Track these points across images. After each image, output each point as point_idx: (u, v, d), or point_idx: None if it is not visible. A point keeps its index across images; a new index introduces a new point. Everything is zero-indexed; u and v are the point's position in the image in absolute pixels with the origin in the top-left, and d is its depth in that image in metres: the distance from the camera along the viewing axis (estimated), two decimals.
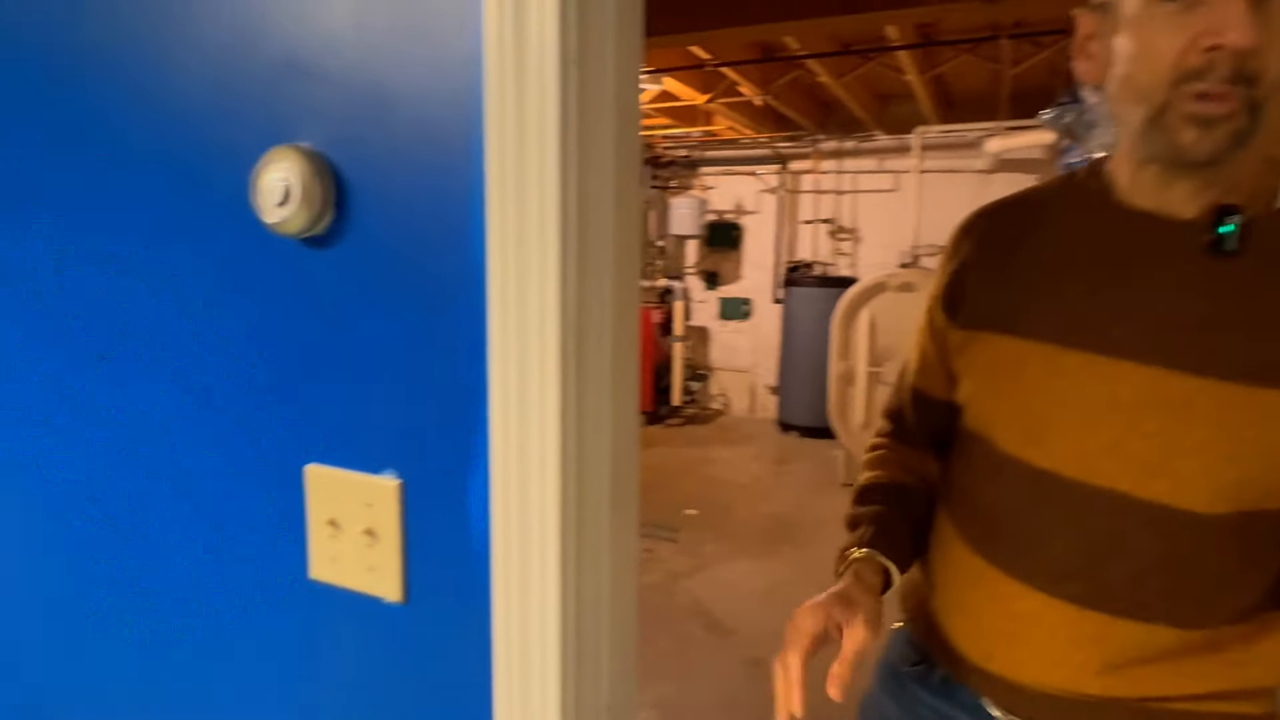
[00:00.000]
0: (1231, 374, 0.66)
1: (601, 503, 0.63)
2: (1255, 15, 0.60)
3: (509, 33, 0.57)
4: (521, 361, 0.61)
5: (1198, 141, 0.64)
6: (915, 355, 0.92)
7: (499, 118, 0.59)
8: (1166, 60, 0.64)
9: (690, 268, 7.05)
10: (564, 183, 0.57)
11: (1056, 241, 0.77)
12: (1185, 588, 0.71)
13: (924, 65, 4.30)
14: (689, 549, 3.82)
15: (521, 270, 0.60)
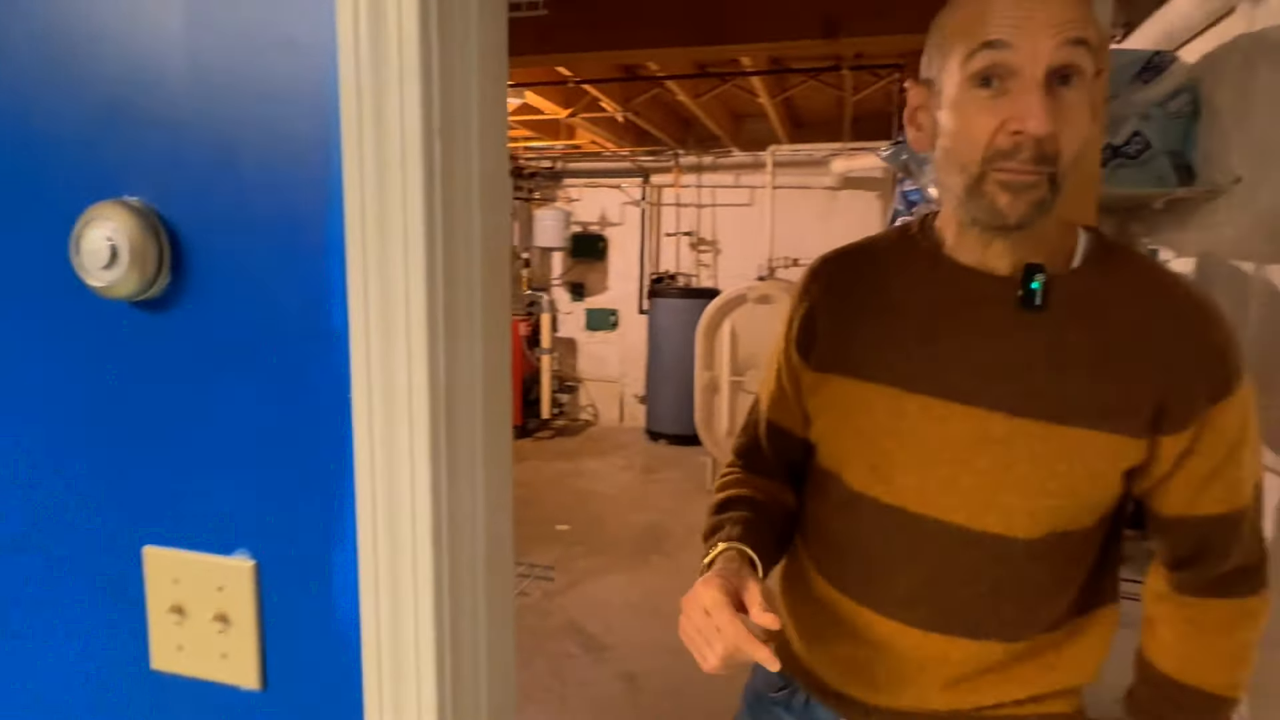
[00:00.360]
0: (1043, 415, 0.74)
1: (477, 572, 0.62)
2: (1051, 105, 0.68)
3: (368, 96, 0.55)
4: (389, 431, 0.59)
5: (1010, 205, 0.71)
6: (770, 389, 0.95)
7: (358, 175, 0.56)
8: (981, 139, 0.71)
9: (556, 279, 7.04)
10: (430, 245, 0.56)
11: (896, 291, 0.83)
12: (1011, 606, 0.80)
13: (774, 89, 4.53)
14: (562, 565, 3.80)
15: (388, 335, 0.58)
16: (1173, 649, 0.85)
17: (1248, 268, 1.53)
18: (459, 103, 0.58)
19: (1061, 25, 0.67)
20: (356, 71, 0.55)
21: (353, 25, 0.55)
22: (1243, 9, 1.60)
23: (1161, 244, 1.89)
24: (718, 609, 0.70)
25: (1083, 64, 0.68)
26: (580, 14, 2.41)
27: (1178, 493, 0.78)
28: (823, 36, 2.30)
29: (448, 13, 0.56)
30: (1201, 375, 0.73)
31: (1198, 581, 0.83)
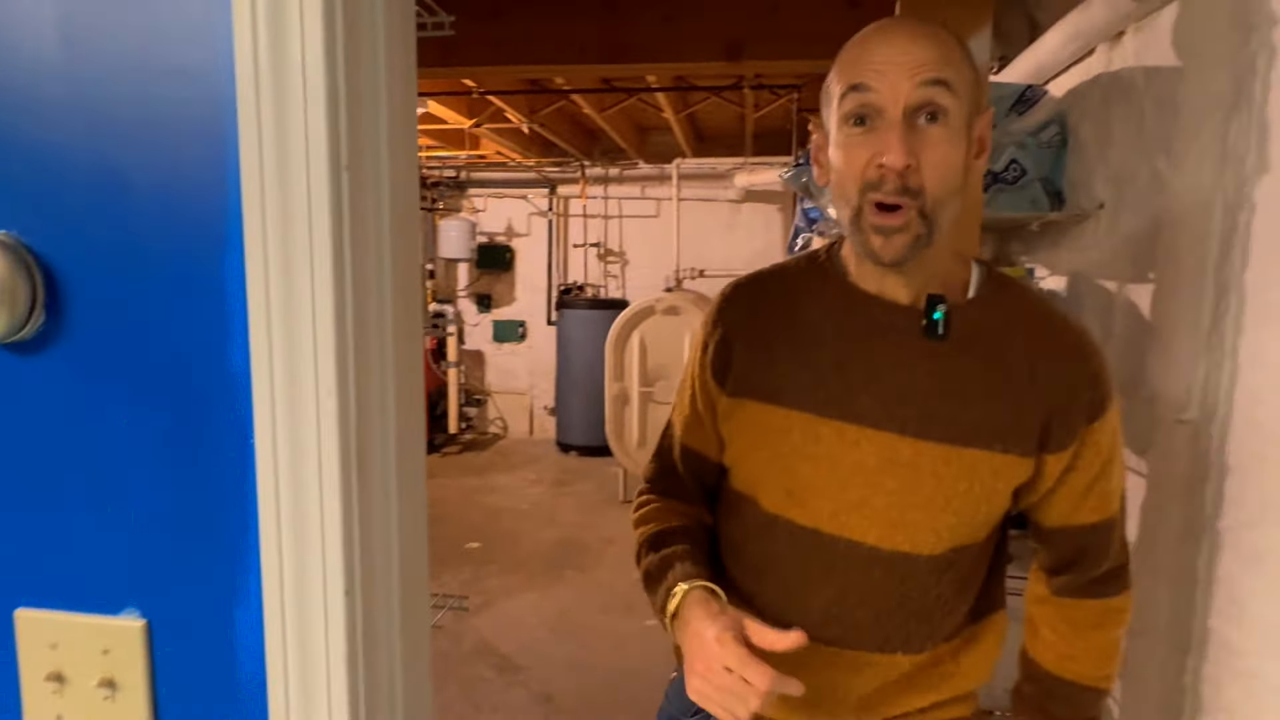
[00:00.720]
0: (944, 438, 0.79)
1: (393, 623, 0.60)
2: (910, 140, 0.73)
3: (269, 130, 0.53)
4: (296, 476, 0.56)
5: (883, 248, 0.76)
6: (684, 413, 0.96)
7: (259, 214, 0.54)
8: (856, 172, 0.76)
9: (462, 290, 6.90)
10: (339, 285, 0.54)
11: (807, 317, 0.86)
12: (916, 620, 0.84)
13: (679, 105, 4.61)
14: (473, 585, 3.72)
15: (293, 377, 0.55)
16: (1053, 647, 0.92)
17: (1112, 286, 1.67)
18: (368, 137, 0.56)
19: (919, 68, 0.72)
20: (256, 104, 0.53)
21: (251, 54, 0.53)
22: (1101, 50, 1.75)
23: (1037, 263, 2.04)
24: (743, 664, 0.69)
25: (944, 102, 0.73)
26: (487, 30, 2.39)
27: (1059, 505, 0.85)
28: (726, 59, 2.36)
29: (354, 41, 0.54)
30: (1081, 399, 0.80)
31: (1074, 584, 0.90)
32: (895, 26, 0.77)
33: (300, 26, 0.52)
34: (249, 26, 0.52)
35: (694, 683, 0.72)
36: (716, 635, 0.72)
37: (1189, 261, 1.37)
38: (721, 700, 0.70)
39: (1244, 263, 1.23)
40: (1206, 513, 1.31)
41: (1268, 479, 1.17)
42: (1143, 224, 1.54)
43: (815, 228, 2.45)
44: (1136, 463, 1.53)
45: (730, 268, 6.05)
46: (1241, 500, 1.24)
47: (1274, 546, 1.16)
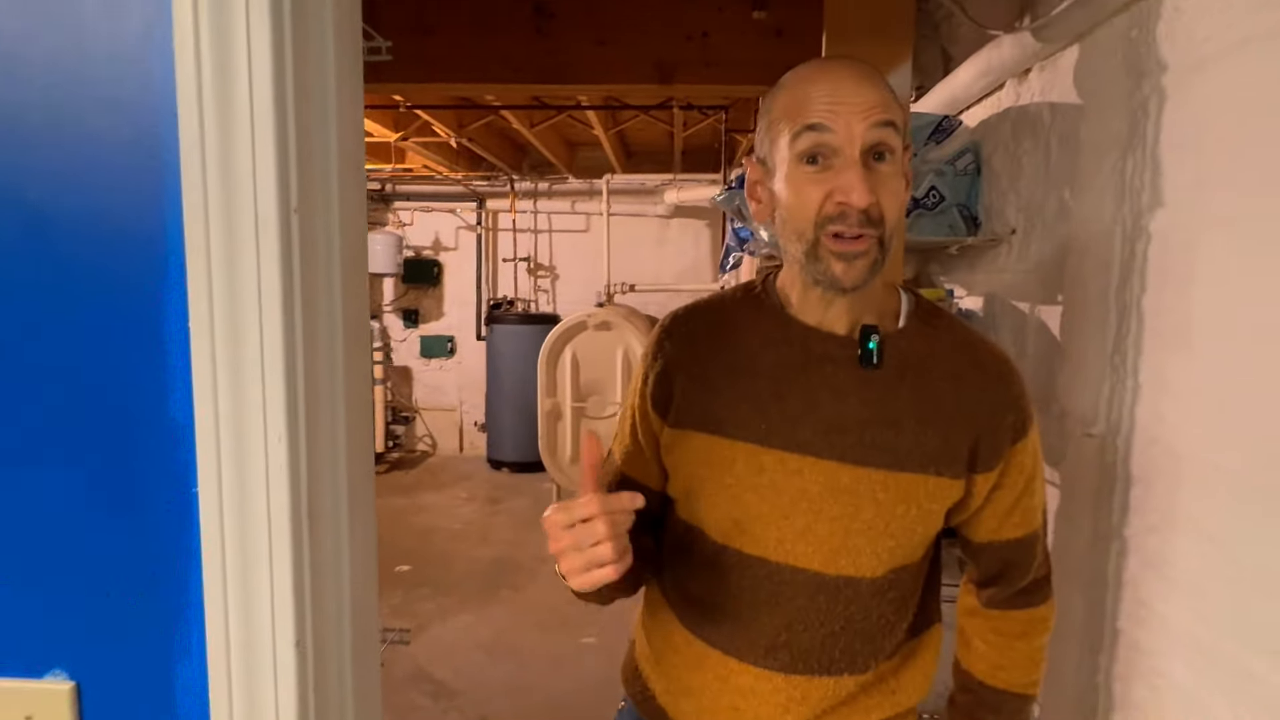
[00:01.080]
0: (882, 464, 0.82)
1: (344, 672, 0.58)
2: (869, 178, 0.76)
3: (214, 171, 0.51)
4: (244, 529, 0.54)
5: (845, 273, 0.79)
6: (624, 444, 0.96)
7: (204, 260, 0.52)
8: (812, 208, 0.78)
9: (388, 305, 6.73)
10: (289, 329, 0.53)
11: (747, 349, 0.88)
12: (860, 641, 0.86)
13: (609, 123, 4.65)
14: (404, 610, 3.62)
15: (239, 426, 0.53)
16: (984, 657, 0.97)
17: (1025, 307, 1.77)
18: (318, 177, 0.55)
19: (870, 110, 0.76)
20: (200, 142, 0.51)
21: (195, 89, 0.51)
22: (1010, 85, 1.86)
23: (956, 284, 2.14)
24: (586, 505, 0.71)
25: (892, 142, 0.77)
26: (417, 48, 2.35)
27: (986, 522, 0.89)
28: (658, 82, 2.40)
29: (304, 77, 0.53)
30: (1005, 422, 0.84)
31: (1001, 596, 0.94)
32: (840, 68, 0.79)
33: (248, 65, 0.51)
34: (192, 59, 0.51)
35: (554, 540, 0.74)
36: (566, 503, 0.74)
37: (1093, 287, 1.47)
38: (579, 560, 0.72)
39: (1142, 288, 1.33)
40: (1113, 520, 1.41)
41: (1167, 489, 1.27)
42: (1051, 250, 1.64)
43: (746, 247, 2.50)
44: (1050, 474, 1.62)
45: (661, 282, 6.11)
46: (1144, 509, 1.33)
47: (1174, 552, 1.25)
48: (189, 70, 0.51)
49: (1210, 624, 1.15)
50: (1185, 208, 1.22)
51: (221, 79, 0.51)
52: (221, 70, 0.51)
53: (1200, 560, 1.18)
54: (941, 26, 2.34)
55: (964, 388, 0.84)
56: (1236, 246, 1.11)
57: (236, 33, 0.50)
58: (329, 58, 0.55)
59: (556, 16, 2.42)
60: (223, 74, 0.51)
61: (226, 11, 0.50)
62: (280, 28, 0.51)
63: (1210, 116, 1.17)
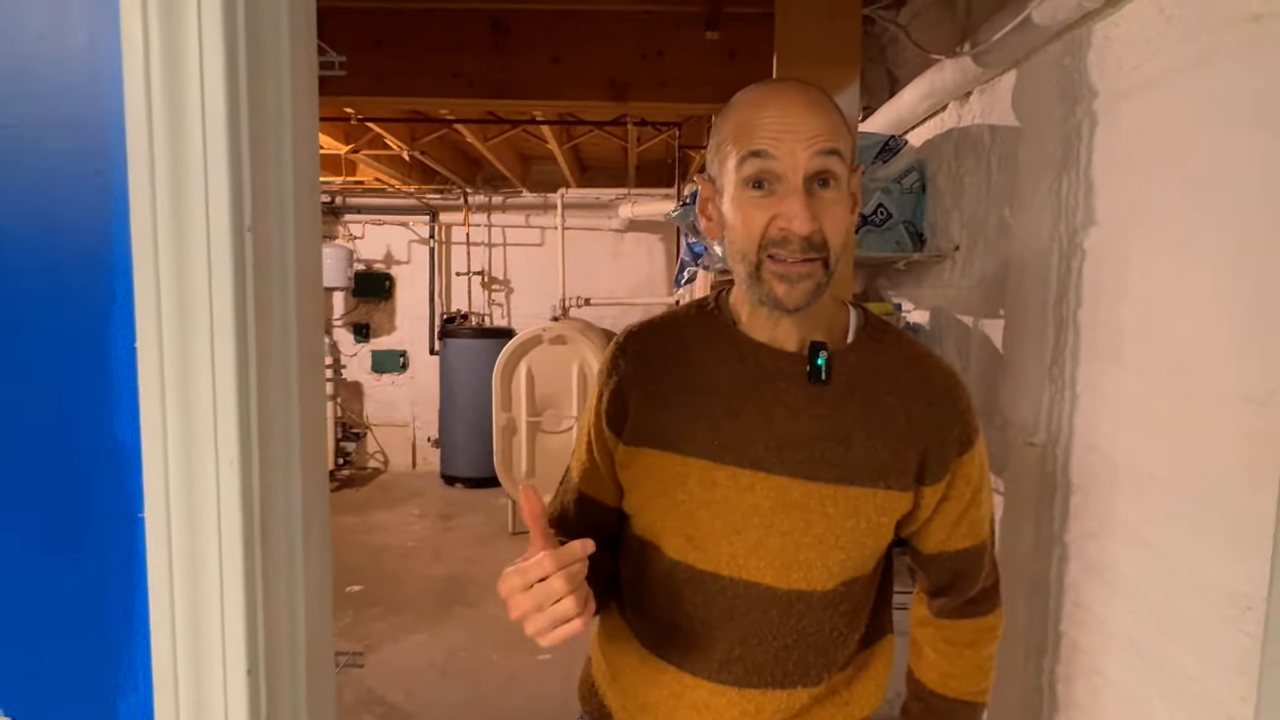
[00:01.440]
0: (832, 478, 0.83)
1: (298, 699, 0.57)
2: (812, 206, 0.78)
3: (165, 190, 0.50)
4: (194, 555, 0.53)
5: (787, 294, 0.80)
6: (581, 461, 0.96)
7: (152, 277, 0.51)
8: (756, 232, 0.79)
9: (338, 320, 6.60)
10: (241, 350, 0.52)
11: (701, 366, 0.89)
12: (813, 653, 0.87)
13: (563, 137, 4.66)
14: (355, 631, 3.53)
15: (190, 448, 0.52)
16: (935, 666, 0.98)
17: (969, 321, 1.83)
18: (272, 196, 0.54)
19: (814, 138, 0.77)
20: (150, 161, 0.50)
21: (145, 109, 0.50)
22: (953, 106, 1.93)
23: (903, 298, 2.20)
24: (540, 565, 0.71)
25: (836, 169, 0.78)
26: (368, 60, 2.33)
27: (935, 533, 0.91)
28: (612, 99, 2.42)
29: (259, 95, 0.53)
30: (951, 435, 0.86)
31: (951, 606, 0.96)
32: (789, 93, 0.80)
33: (200, 81, 0.50)
34: (141, 74, 0.50)
35: (514, 604, 0.73)
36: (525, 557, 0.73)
37: (1033, 301, 1.53)
38: (542, 620, 0.72)
39: (1078, 303, 1.39)
40: (1055, 527, 1.46)
41: (1104, 496, 1.32)
42: (993, 266, 1.70)
43: (700, 261, 2.53)
44: (995, 482, 1.67)
45: (615, 296, 6.13)
46: (1084, 515, 1.38)
47: (1110, 556, 1.30)
48: (137, 85, 0.50)
49: (1146, 625, 1.20)
50: (1117, 226, 1.28)
51: (172, 95, 0.50)
52: (172, 86, 0.50)
53: (1137, 565, 1.23)
54: (888, 50, 2.42)
55: (911, 402, 0.86)
56: (1162, 263, 1.17)
57: (188, 47, 0.49)
58: (284, 74, 0.55)
59: (512, 33, 2.42)
60: (173, 90, 0.50)
61: (177, 26, 0.49)
62: (234, 42, 0.50)
63: (1138, 141, 1.23)
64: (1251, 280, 1.00)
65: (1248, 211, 1.00)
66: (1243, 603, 1.00)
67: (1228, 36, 1.04)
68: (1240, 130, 1.02)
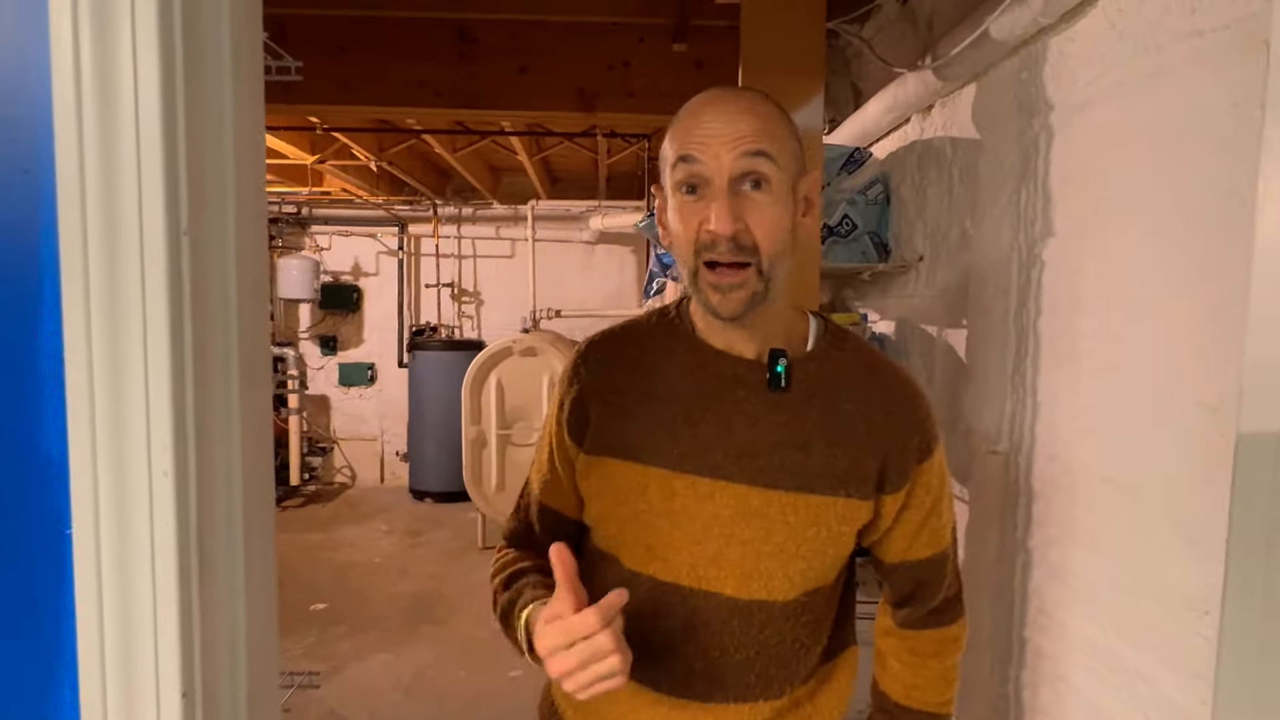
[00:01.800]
0: (792, 486, 0.83)
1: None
2: (736, 207, 0.77)
3: (95, 190, 0.48)
4: (125, 571, 0.50)
5: (721, 304, 0.80)
6: (542, 473, 0.95)
7: (81, 286, 0.49)
8: (690, 235, 0.80)
9: (304, 332, 6.49)
10: (177, 357, 0.50)
11: (661, 374, 0.88)
12: (775, 666, 0.86)
13: (533, 149, 4.65)
14: (319, 651, 3.45)
15: (122, 460, 0.50)
16: (900, 678, 0.98)
17: (933, 331, 1.85)
18: (212, 198, 0.52)
19: (738, 140, 0.77)
20: (79, 160, 0.48)
21: (74, 103, 0.48)
22: (915, 119, 1.96)
23: (869, 309, 2.22)
24: (584, 623, 0.69)
25: (765, 170, 0.78)
26: (333, 67, 2.30)
27: (897, 543, 0.91)
28: (580, 110, 2.42)
29: (198, 92, 0.51)
30: (911, 443, 0.86)
31: (914, 616, 0.96)
32: (720, 100, 0.81)
33: (134, 80, 0.48)
34: (71, 71, 0.48)
35: (556, 661, 0.71)
36: (574, 610, 0.72)
37: (994, 311, 1.55)
38: (587, 676, 0.70)
39: (1038, 312, 1.41)
40: (1018, 534, 1.47)
41: (1065, 502, 1.33)
42: (956, 276, 1.72)
43: (669, 272, 2.53)
44: (960, 491, 1.69)
45: (586, 308, 6.11)
46: (1045, 521, 1.39)
47: (1072, 562, 1.31)
48: (67, 82, 0.48)
49: (1106, 630, 1.21)
50: (1074, 237, 1.31)
51: (104, 92, 0.48)
52: (104, 83, 0.48)
53: (1096, 570, 1.24)
54: (852, 63, 2.45)
55: (871, 410, 0.86)
56: (1116, 272, 1.19)
57: (120, 41, 0.48)
58: (226, 73, 0.53)
59: (479, 42, 2.41)
60: (105, 86, 0.48)
61: (109, 20, 0.47)
62: (170, 38, 0.48)
63: (1093, 153, 1.26)
64: (1203, 288, 1.02)
65: (1198, 221, 1.03)
66: (1200, 606, 1.02)
67: (1175, 51, 1.07)
68: (1189, 141, 1.04)
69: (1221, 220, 0.98)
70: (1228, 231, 0.97)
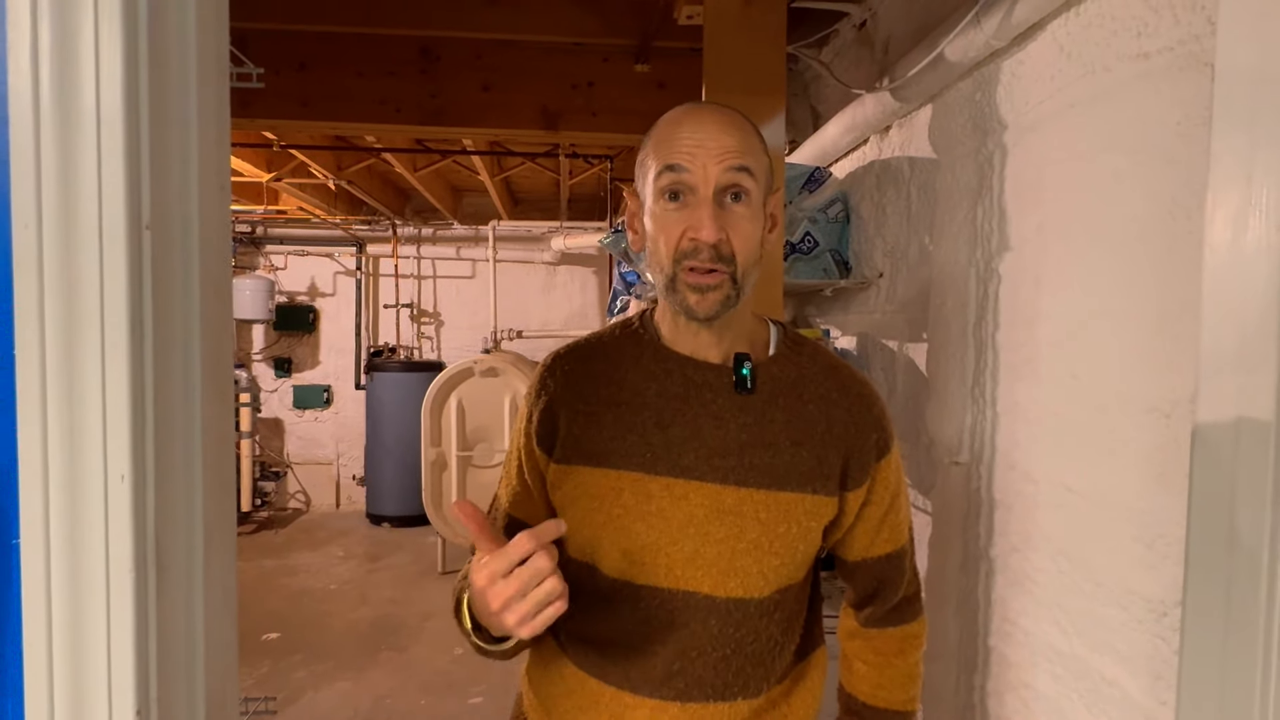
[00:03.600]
0: (762, 484, 0.84)
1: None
2: (720, 217, 0.80)
3: (52, 184, 0.46)
4: (77, 582, 0.47)
5: (699, 303, 0.82)
6: (510, 485, 0.94)
7: (35, 283, 0.46)
8: (671, 242, 0.82)
9: (258, 354, 6.34)
10: (137, 358, 0.47)
11: (628, 381, 0.89)
12: (751, 664, 0.87)
13: (494, 169, 4.64)
14: (273, 681, 3.32)
15: (75, 465, 0.47)
16: (865, 679, 1.00)
17: (894, 345, 1.88)
18: (175, 191, 0.51)
19: (725, 154, 0.80)
20: (35, 152, 0.46)
21: (31, 95, 0.46)
22: (874, 139, 2.01)
23: (831, 324, 2.25)
24: (519, 546, 0.68)
25: (746, 185, 0.81)
26: (292, 83, 2.27)
27: (859, 539, 0.93)
28: (544, 129, 2.43)
29: (161, 84, 0.49)
30: (869, 440, 0.89)
31: (878, 615, 0.98)
32: (705, 114, 0.83)
33: (95, 72, 0.46)
34: (28, 56, 0.46)
35: (495, 592, 0.69)
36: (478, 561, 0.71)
37: (954, 325, 1.58)
38: (522, 603, 0.69)
39: (996, 325, 1.44)
40: (981, 543, 1.49)
41: (1025, 510, 1.36)
42: (915, 292, 1.76)
43: (633, 290, 2.54)
44: (923, 502, 1.71)
45: (548, 328, 6.09)
46: (1006, 530, 1.42)
47: (1033, 569, 1.33)
48: (23, 74, 0.46)
49: (1069, 635, 1.23)
50: (1029, 251, 1.34)
51: (64, 83, 0.46)
52: (63, 75, 0.46)
53: (1058, 576, 1.26)
54: (811, 86, 2.50)
55: (832, 410, 0.88)
56: (1071, 284, 1.23)
57: (82, 33, 0.46)
58: (190, 68, 0.52)
59: (442, 59, 2.41)
60: (65, 79, 0.46)
61: (70, 11, 0.46)
62: (134, 30, 0.47)
63: (1045, 170, 1.30)
64: (1153, 297, 1.05)
65: (1146, 234, 1.06)
66: (1159, 609, 1.04)
67: (1122, 72, 1.11)
68: (1137, 158, 1.08)
69: (1168, 233, 1.02)
70: (1174, 244, 1.01)
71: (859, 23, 2.02)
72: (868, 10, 1.96)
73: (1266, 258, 0.62)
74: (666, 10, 1.94)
